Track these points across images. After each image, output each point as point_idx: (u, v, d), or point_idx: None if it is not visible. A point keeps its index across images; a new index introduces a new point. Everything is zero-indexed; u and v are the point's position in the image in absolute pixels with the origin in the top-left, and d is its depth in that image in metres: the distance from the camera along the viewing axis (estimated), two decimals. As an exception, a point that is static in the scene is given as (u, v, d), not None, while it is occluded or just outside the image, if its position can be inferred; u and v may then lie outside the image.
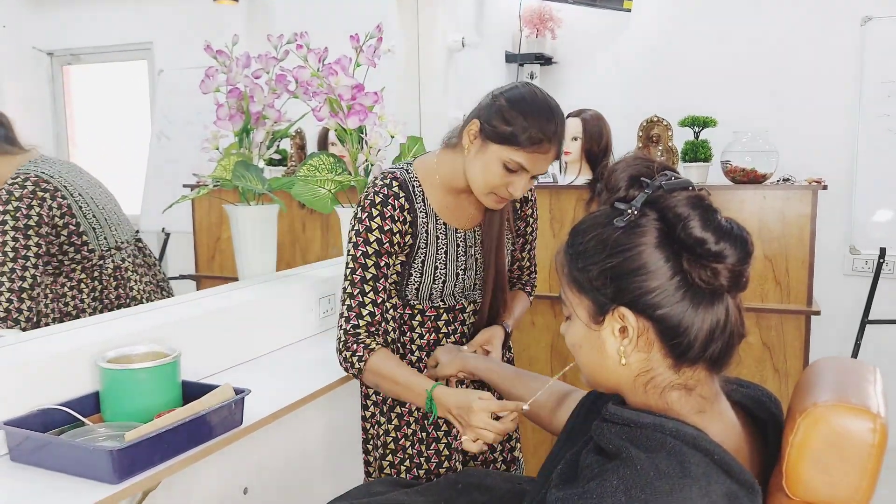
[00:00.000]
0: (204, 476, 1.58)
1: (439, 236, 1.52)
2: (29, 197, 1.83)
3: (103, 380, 1.37)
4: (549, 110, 1.38)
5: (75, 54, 4.79)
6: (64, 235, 1.90)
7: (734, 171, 2.56)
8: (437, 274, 1.53)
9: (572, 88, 3.94)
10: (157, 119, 4.13)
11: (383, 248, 1.45)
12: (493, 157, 1.39)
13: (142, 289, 2.11)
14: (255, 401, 1.47)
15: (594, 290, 0.87)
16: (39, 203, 1.85)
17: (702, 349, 0.84)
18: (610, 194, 0.90)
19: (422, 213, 1.50)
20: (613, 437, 0.83)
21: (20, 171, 1.87)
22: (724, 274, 0.82)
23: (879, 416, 0.80)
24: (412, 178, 1.51)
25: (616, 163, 0.92)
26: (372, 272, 1.45)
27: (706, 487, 0.76)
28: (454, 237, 1.54)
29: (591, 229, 0.88)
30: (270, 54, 2.11)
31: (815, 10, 3.41)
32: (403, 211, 1.47)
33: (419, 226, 1.49)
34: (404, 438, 1.57)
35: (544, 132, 1.36)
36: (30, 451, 1.23)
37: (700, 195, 0.85)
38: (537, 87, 1.44)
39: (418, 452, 1.56)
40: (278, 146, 2.29)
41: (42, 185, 1.86)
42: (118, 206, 2.11)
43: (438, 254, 1.52)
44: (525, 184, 1.41)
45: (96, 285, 1.98)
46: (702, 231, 0.81)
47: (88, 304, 1.97)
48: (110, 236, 2.02)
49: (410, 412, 1.58)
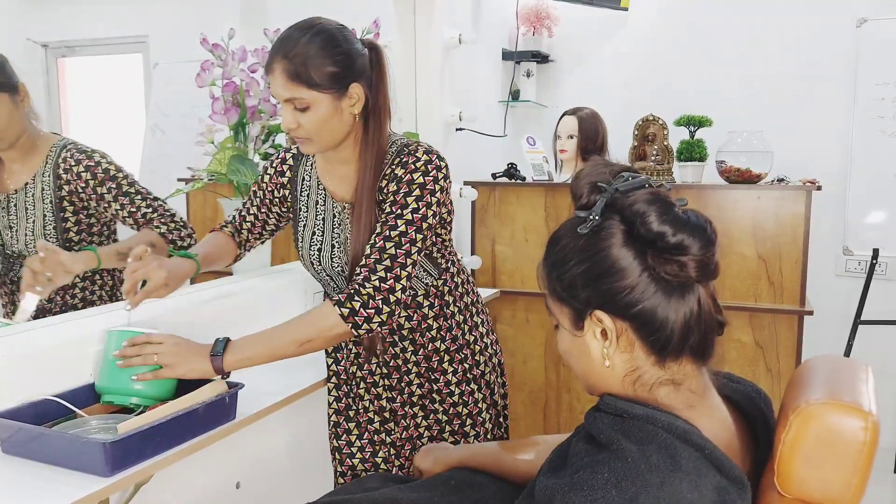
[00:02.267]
0: (196, 470, 1.58)
1: (318, 201, 1.55)
2: None
3: (108, 347, 1.36)
4: (279, 35, 1.42)
5: (70, 46, 4.76)
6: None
7: (729, 171, 2.57)
8: (314, 240, 1.56)
9: (569, 86, 3.95)
10: (152, 112, 4.11)
11: (258, 179, 1.66)
12: None
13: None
14: (248, 395, 1.47)
15: (570, 297, 0.88)
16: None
17: (681, 341, 0.85)
18: (575, 202, 0.92)
19: (306, 177, 1.58)
20: (605, 427, 0.84)
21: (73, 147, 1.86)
22: (690, 265, 0.83)
23: (871, 414, 0.81)
24: None
25: (579, 171, 0.94)
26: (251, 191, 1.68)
27: (696, 481, 0.77)
28: (331, 206, 1.54)
29: (562, 239, 0.90)
30: (267, 48, 2.11)
31: (810, 12, 3.42)
32: (284, 163, 1.61)
33: (300, 188, 1.58)
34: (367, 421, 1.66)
35: (270, 56, 1.40)
36: (22, 442, 1.23)
37: (656, 191, 0.87)
38: (310, 18, 1.44)
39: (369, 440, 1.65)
40: (273, 141, 2.28)
41: None
42: None
43: (317, 220, 1.55)
44: (287, 114, 1.41)
45: (109, 280, 1.95)
46: (659, 225, 0.82)
47: (99, 297, 1.93)
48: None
49: (367, 409, 1.66)
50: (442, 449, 1.39)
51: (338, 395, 1.70)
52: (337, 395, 1.70)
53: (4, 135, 1.77)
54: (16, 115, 1.77)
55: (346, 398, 1.69)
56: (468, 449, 1.37)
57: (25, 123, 1.81)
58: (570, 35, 3.93)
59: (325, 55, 1.38)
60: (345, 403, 1.69)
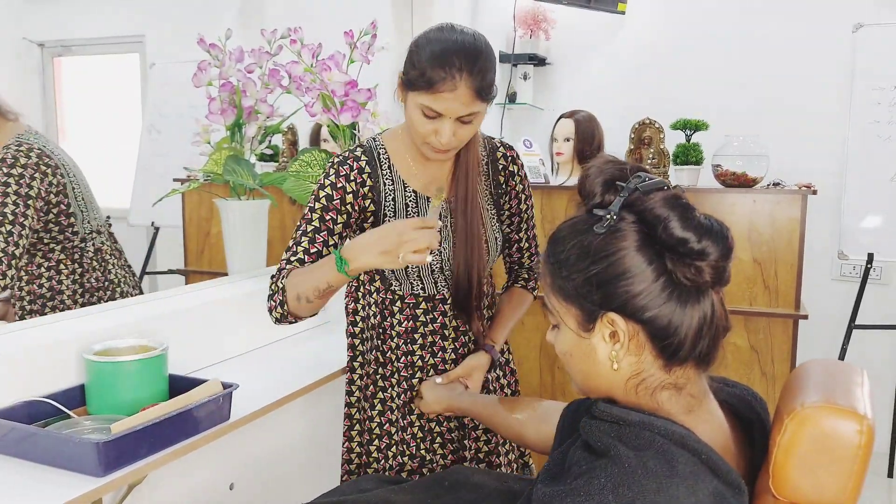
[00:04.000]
0: (190, 471, 1.57)
1: (409, 204, 1.46)
2: (33, 168, 1.83)
3: (89, 372, 1.36)
4: (452, 45, 1.30)
5: (66, 46, 4.76)
6: (53, 213, 1.89)
7: (725, 175, 2.57)
8: None
9: (565, 89, 3.95)
10: (148, 112, 4.10)
11: (331, 205, 1.41)
12: (412, 106, 1.35)
13: (117, 272, 2.11)
14: (242, 396, 1.46)
15: (581, 297, 0.87)
16: (41, 177, 1.84)
17: (692, 347, 0.84)
18: (586, 200, 0.90)
19: (387, 181, 1.46)
20: (602, 435, 0.83)
21: (22, 140, 1.86)
22: (707, 270, 0.82)
23: (866, 417, 0.81)
24: (378, 145, 1.48)
25: (587, 168, 0.91)
26: (314, 225, 1.41)
27: (693, 486, 0.76)
28: (426, 206, 1.47)
29: (572, 237, 0.88)
30: (264, 49, 2.10)
31: (807, 16, 3.43)
32: (362, 173, 1.43)
33: (382, 193, 1.45)
34: (388, 424, 1.55)
35: (446, 69, 1.28)
36: (14, 442, 1.22)
37: (676, 194, 0.85)
38: (456, 26, 1.37)
39: (401, 440, 1.53)
40: (270, 141, 2.28)
41: (45, 160, 1.86)
42: (90, 190, 2.10)
43: None
44: (448, 128, 1.33)
45: (76, 268, 1.97)
46: (682, 231, 0.82)
47: (67, 286, 1.95)
48: (92, 220, 2.02)
49: (392, 398, 1.55)
50: (449, 388, 1.47)
51: (398, 391, 1.56)
52: (398, 390, 1.56)
53: None
54: None
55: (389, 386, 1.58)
56: (470, 397, 1.44)
57: None
58: (567, 38, 3.93)
59: (494, 65, 1.35)
60: (404, 399, 1.56)
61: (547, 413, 1.30)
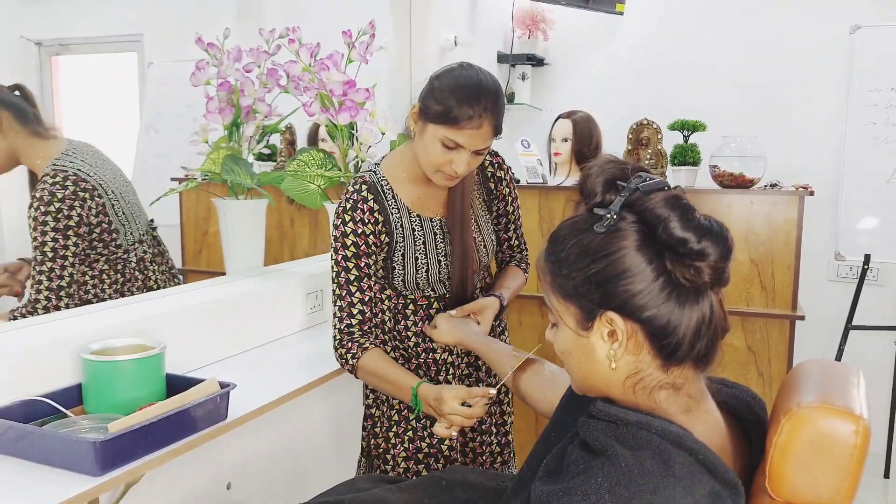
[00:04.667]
0: (187, 470, 1.57)
1: (415, 228, 1.58)
2: (71, 198, 1.85)
3: (86, 371, 1.36)
4: (478, 87, 1.44)
5: (64, 45, 4.74)
6: (96, 233, 1.92)
7: (722, 176, 2.57)
8: (419, 264, 1.57)
9: (563, 90, 3.95)
10: (146, 111, 4.10)
11: (361, 251, 1.53)
12: (431, 137, 1.46)
13: (158, 278, 2.14)
14: (240, 395, 1.46)
15: (580, 296, 0.87)
16: (81, 204, 1.87)
17: (690, 347, 0.85)
18: (587, 200, 0.90)
19: (394, 210, 1.57)
20: (599, 434, 0.83)
21: (58, 168, 1.87)
22: (706, 271, 0.82)
23: (862, 418, 0.81)
24: (380, 178, 1.59)
25: (588, 167, 0.91)
26: (354, 273, 1.54)
27: (690, 486, 0.77)
28: (430, 226, 1.59)
29: (572, 236, 0.88)
30: (262, 48, 2.10)
31: (804, 18, 3.43)
32: (374, 213, 1.55)
33: (392, 223, 1.56)
34: (408, 409, 1.62)
35: (473, 108, 1.41)
36: (11, 441, 1.22)
37: (677, 194, 0.86)
38: (474, 66, 1.51)
39: (423, 426, 1.61)
40: (268, 141, 2.28)
41: (81, 185, 1.88)
42: (136, 195, 2.13)
43: (417, 245, 1.57)
44: (466, 159, 1.46)
45: (118, 277, 2.00)
46: (682, 231, 0.82)
47: (109, 295, 1.98)
48: (134, 230, 2.05)
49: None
50: (463, 323, 1.53)
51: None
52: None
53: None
54: None
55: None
56: (482, 340, 1.50)
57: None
58: (565, 38, 3.93)
59: (504, 104, 1.51)
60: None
61: (554, 379, 1.33)
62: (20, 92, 1.99)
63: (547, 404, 1.28)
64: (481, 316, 1.58)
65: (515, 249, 1.78)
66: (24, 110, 1.95)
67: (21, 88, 2.01)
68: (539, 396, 1.33)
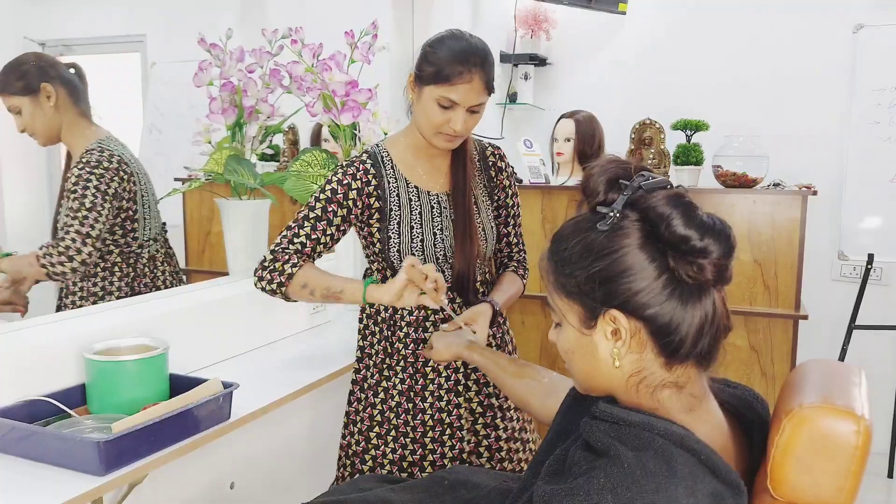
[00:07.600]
0: (191, 470, 1.58)
1: (411, 199, 1.61)
2: (113, 171, 1.93)
3: (89, 371, 1.36)
4: (465, 44, 1.51)
5: (67, 45, 4.75)
6: (121, 217, 1.98)
7: (725, 175, 2.57)
8: (413, 233, 1.59)
9: (566, 90, 3.95)
10: (149, 112, 4.10)
11: (336, 197, 1.56)
12: (427, 98, 1.52)
13: (166, 279, 2.16)
14: (243, 395, 1.47)
15: (583, 294, 0.87)
16: (119, 180, 1.95)
17: (693, 345, 0.85)
18: (589, 199, 0.90)
19: (391, 179, 1.61)
20: (602, 435, 0.83)
21: (104, 146, 1.95)
22: (709, 269, 0.82)
23: (864, 418, 0.81)
24: (381, 150, 1.64)
25: (591, 167, 0.92)
26: (317, 213, 1.55)
27: (692, 487, 0.77)
28: (427, 199, 1.62)
29: (574, 234, 0.89)
30: (264, 49, 2.10)
31: (808, 17, 3.43)
32: (367, 174, 1.59)
33: (387, 190, 1.59)
34: (389, 411, 1.61)
35: (463, 65, 1.48)
36: (15, 441, 1.23)
37: (679, 192, 0.86)
38: (464, 32, 1.56)
39: (404, 423, 1.60)
40: (271, 141, 2.28)
41: (124, 167, 1.97)
42: (156, 195, 2.17)
43: (413, 215, 1.60)
44: (461, 117, 1.52)
45: (129, 271, 2.04)
46: (685, 229, 0.82)
47: (118, 288, 2.01)
48: (151, 227, 2.10)
49: (395, 386, 1.61)
50: (458, 336, 1.52)
51: (402, 377, 1.63)
52: (402, 376, 1.63)
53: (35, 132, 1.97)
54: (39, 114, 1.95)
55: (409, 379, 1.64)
56: (480, 351, 1.48)
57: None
58: (567, 38, 3.93)
59: (493, 62, 1.56)
60: (408, 385, 1.63)
61: (554, 387, 1.32)
62: (75, 70, 2.03)
63: (547, 412, 1.27)
64: (476, 324, 1.57)
65: (514, 247, 1.78)
66: (78, 89, 2.03)
67: (76, 67, 2.05)
68: (539, 403, 1.32)
